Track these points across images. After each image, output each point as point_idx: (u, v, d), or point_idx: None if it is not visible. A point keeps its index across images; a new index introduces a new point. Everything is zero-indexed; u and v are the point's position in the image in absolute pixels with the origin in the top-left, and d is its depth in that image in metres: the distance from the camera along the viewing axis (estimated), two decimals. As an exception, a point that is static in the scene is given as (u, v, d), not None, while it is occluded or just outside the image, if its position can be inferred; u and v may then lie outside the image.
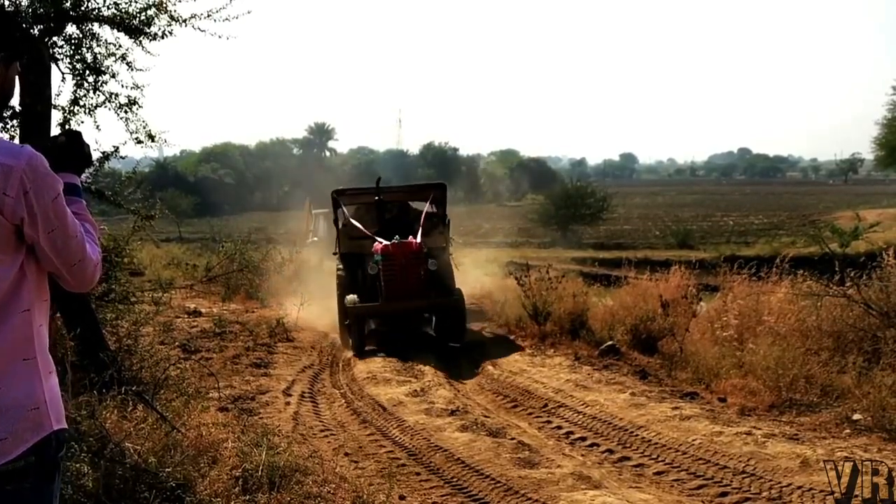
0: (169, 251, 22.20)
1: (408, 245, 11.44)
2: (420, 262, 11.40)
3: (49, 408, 2.19)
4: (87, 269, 2.29)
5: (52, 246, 2.18)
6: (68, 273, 2.26)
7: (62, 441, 2.25)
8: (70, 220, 2.22)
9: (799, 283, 9.66)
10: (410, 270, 11.29)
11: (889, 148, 33.41)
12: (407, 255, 11.35)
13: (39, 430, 2.15)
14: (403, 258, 11.32)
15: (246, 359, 9.40)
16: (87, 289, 2.41)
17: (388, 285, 11.27)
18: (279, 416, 7.39)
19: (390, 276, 11.28)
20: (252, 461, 4.72)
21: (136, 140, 6.38)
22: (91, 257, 2.29)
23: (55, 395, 2.24)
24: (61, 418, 2.24)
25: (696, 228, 41.91)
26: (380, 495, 4.89)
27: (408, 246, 11.43)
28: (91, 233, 2.35)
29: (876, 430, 6.58)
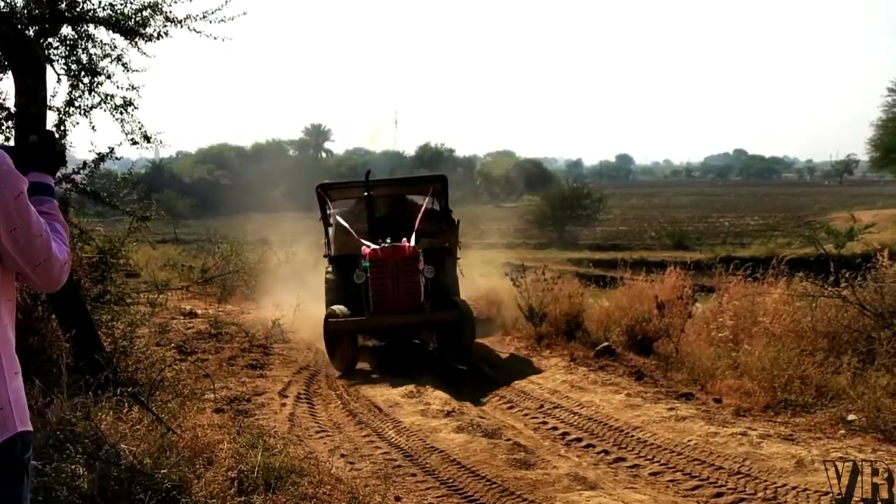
0: (165, 252, 22.13)
1: (399, 249, 9.96)
2: (414, 268, 9.94)
3: (14, 409, 2.17)
4: (54, 269, 2.27)
5: (14, 244, 2.16)
6: (33, 272, 2.23)
7: (27, 442, 2.23)
8: (34, 218, 2.19)
9: (794, 284, 9.68)
10: (403, 279, 9.85)
11: (884, 149, 33.50)
12: (398, 260, 9.88)
13: (3, 431, 2.13)
14: (394, 265, 9.86)
15: (242, 360, 9.39)
16: (55, 289, 2.39)
17: (376, 297, 9.83)
18: (275, 418, 7.39)
19: (379, 285, 9.84)
20: (248, 462, 4.72)
21: (131, 141, 6.38)
22: (58, 257, 2.27)
23: (20, 396, 2.22)
24: (26, 420, 2.23)
25: (692, 229, 41.97)
26: (375, 496, 4.90)
27: (399, 250, 9.95)
28: (60, 232, 2.33)
29: (871, 431, 6.60)
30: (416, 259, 9.96)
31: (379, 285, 9.82)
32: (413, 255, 9.96)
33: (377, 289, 9.82)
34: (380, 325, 9.98)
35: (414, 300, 9.85)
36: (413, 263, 9.94)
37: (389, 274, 9.82)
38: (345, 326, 9.71)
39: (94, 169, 6.36)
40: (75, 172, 6.32)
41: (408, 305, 9.81)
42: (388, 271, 9.84)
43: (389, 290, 9.80)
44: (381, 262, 9.87)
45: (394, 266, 9.85)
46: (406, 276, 9.86)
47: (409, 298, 9.83)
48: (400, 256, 9.90)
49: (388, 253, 9.91)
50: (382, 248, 9.95)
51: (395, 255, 9.89)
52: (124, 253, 7.22)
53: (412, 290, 9.87)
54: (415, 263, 9.94)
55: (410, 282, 9.87)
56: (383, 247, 9.98)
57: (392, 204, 12.11)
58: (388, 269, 9.84)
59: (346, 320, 9.79)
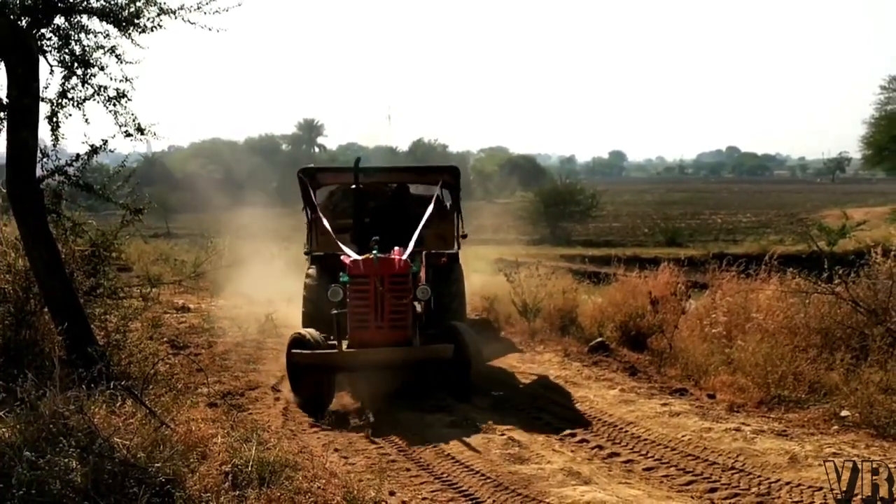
0: (157, 247, 22.09)
1: (387, 263, 7.95)
2: (403, 288, 7.94)
3: None
4: None
5: None
6: None
7: None
8: None
9: (787, 281, 9.70)
10: (389, 301, 7.80)
11: (876, 147, 33.61)
12: (385, 277, 7.84)
13: None
14: (378, 282, 7.80)
15: (235, 354, 9.36)
16: None
17: (354, 322, 7.80)
18: (269, 412, 7.38)
19: (359, 308, 7.81)
20: (242, 457, 4.70)
21: (125, 133, 6.35)
22: None
23: None
24: None
25: (685, 226, 42.03)
26: (370, 491, 4.88)
27: (387, 264, 7.94)
28: None
29: (863, 427, 6.62)
30: (406, 277, 8.01)
31: (359, 308, 7.81)
32: (404, 272, 7.97)
33: (356, 313, 7.81)
34: (354, 362, 7.77)
35: (400, 330, 7.85)
36: (403, 282, 7.95)
37: (372, 294, 7.78)
38: (311, 361, 7.63)
39: (87, 161, 6.31)
40: (68, 164, 6.27)
41: (392, 337, 7.82)
42: (370, 291, 7.79)
43: (371, 316, 7.79)
44: (362, 278, 7.83)
45: (378, 284, 7.79)
46: (394, 298, 7.83)
47: (394, 327, 7.82)
48: (387, 272, 7.86)
49: (373, 267, 7.85)
50: (366, 260, 7.90)
51: (381, 271, 7.83)
52: (117, 246, 7.18)
53: (399, 318, 7.85)
54: (405, 282, 7.97)
55: (398, 306, 7.85)
56: (367, 259, 7.91)
57: (393, 196, 10.14)
58: (372, 287, 7.79)
59: (313, 354, 7.63)
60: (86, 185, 6.37)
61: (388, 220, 9.39)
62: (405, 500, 5.26)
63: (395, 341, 7.80)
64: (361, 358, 7.72)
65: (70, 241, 6.77)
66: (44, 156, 6.21)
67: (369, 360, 7.73)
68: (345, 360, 7.71)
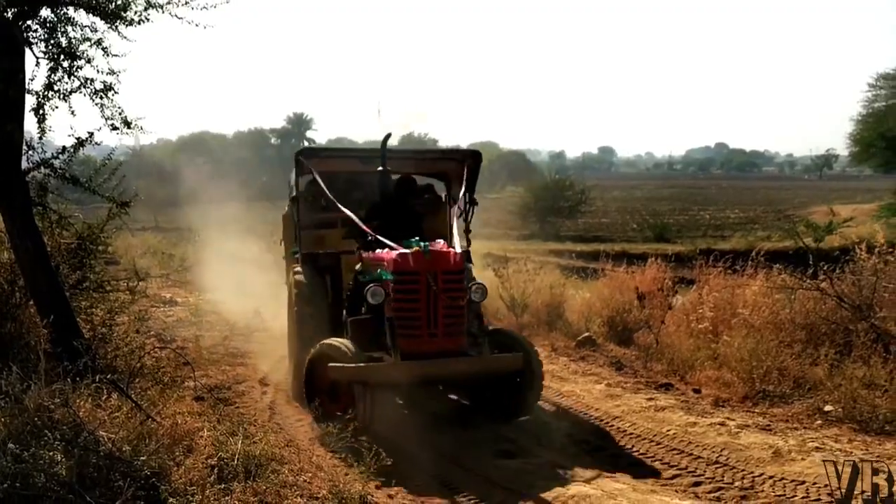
0: (145, 240, 22.03)
1: (441, 257, 6.70)
2: (459, 288, 6.75)
3: None
4: None
5: None
6: None
7: None
8: None
9: (773, 277, 9.76)
10: (443, 304, 6.54)
11: (863, 144, 33.70)
12: (438, 274, 6.57)
13: None
14: (431, 280, 6.51)
15: (222, 348, 9.35)
16: None
17: (405, 331, 6.52)
18: (255, 406, 7.38)
19: (408, 311, 6.54)
20: (228, 450, 4.71)
21: (111, 126, 6.31)
22: None
23: None
24: None
25: (673, 222, 42.14)
26: (356, 485, 4.90)
27: (441, 259, 6.68)
28: None
29: (847, 422, 6.68)
30: (462, 274, 6.85)
31: (407, 311, 6.54)
32: (460, 268, 6.80)
33: (404, 317, 6.54)
34: (414, 376, 6.40)
35: (456, 337, 6.67)
36: (459, 280, 6.77)
37: (423, 294, 6.53)
38: (357, 378, 6.22)
39: (73, 154, 6.28)
40: (54, 157, 6.25)
41: (447, 345, 6.57)
42: (422, 290, 6.53)
43: (423, 320, 6.53)
44: (410, 275, 6.57)
45: (431, 283, 6.52)
46: (448, 300, 6.58)
47: (449, 333, 6.60)
48: (441, 268, 6.61)
49: (424, 262, 6.59)
50: (416, 253, 6.64)
51: (434, 266, 6.58)
52: (104, 239, 7.15)
53: (455, 322, 6.65)
54: (461, 280, 6.81)
55: (454, 308, 6.62)
56: (416, 252, 6.66)
57: (398, 186, 8.25)
58: (423, 286, 6.53)
59: (361, 369, 6.25)
60: (72, 177, 6.34)
61: (391, 214, 7.73)
62: (391, 493, 5.27)
63: (450, 351, 6.55)
64: (422, 371, 6.37)
65: (56, 233, 6.73)
66: (29, 148, 6.19)
67: (432, 373, 6.46)
68: (402, 373, 6.32)
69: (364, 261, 7.22)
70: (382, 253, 6.91)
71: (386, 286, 6.60)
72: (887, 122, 31.91)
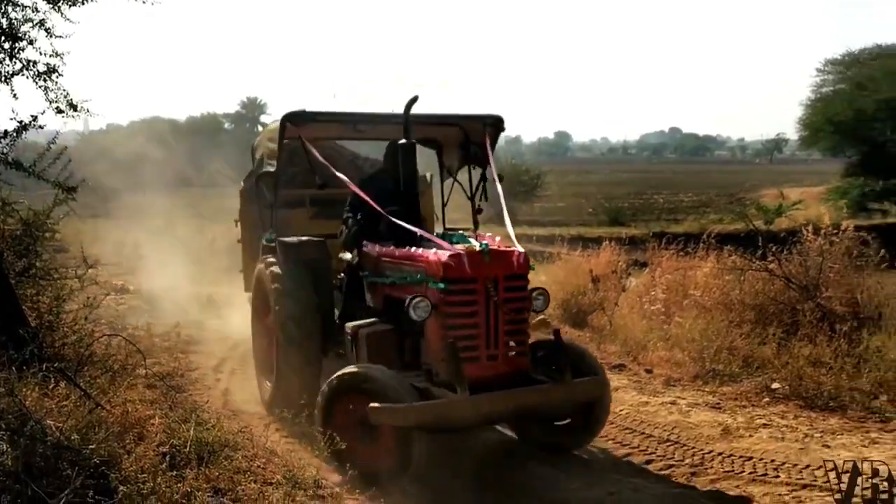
0: (95, 227, 21.59)
1: (503, 259, 5.35)
2: (524, 296, 5.47)
3: None
4: None
5: None
6: None
7: None
8: None
9: (724, 259, 9.94)
10: (506, 317, 5.26)
11: (812, 128, 34.35)
12: (501, 280, 5.27)
13: None
14: (494, 289, 5.21)
15: (175, 335, 9.23)
16: None
17: (471, 356, 5.15)
18: (209, 393, 7.32)
19: (465, 330, 5.18)
20: (180, 437, 4.65)
21: (56, 109, 6.15)
22: None
23: None
24: None
25: (628, 206, 42.55)
26: (311, 469, 4.88)
27: (503, 262, 5.33)
28: None
29: (793, 398, 6.86)
30: (527, 279, 5.52)
31: (461, 329, 5.18)
32: (524, 272, 5.45)
33: (459, 336, 5.13)
34: (493, 413, 5.14)
35: (521, 358, 5.38)
36: (524, 287, 5.47)
37: (483, 307, 5.22)
38: (423, 421, 4.86)
39: (16, 138, 6.12)
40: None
41: (510, 369, 5.29)
42: (480, 302, 5.22)
43: (482, 339, 5.22)
44: (466, 282, 5.20)
45: (491, 291, 5.20)
46: (512, 312, 5.30)
47: (513, 353, 5.33)
48: (503, 272, 5.28)
49: (483, 265, 5.23)
50: (471, 253, 5.25)
51: (494, 271, 5.25)
52: (50, 226, 6.99)
53: (520, 340, 5.39)
54: (525, 287, 5.49)
55: (518, 323, 5.37)
56: (472, 252, 5.27)
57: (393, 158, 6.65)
58: (482, 297, 5.21)
59: (425, 409, 4.89)
60: (15, 162, 6.17)
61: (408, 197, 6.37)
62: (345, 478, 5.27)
63: (514, 376, 5.26)
64: (501, 407, 5.08)
65: (0, 220, 6.57)
66: (-30, 132, 6.01)
67: (509, 408, 5.15)
68: (476, 412, 4.94)
69: (374, 257, 6.02)
70: (419, 251, 5.52)
71: (430, 295, 5.21)
72: (835, 106, 32.59)
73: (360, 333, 5.74)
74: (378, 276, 5.99)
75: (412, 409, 4.86)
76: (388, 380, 5.01)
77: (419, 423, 4.85)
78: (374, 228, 6.27)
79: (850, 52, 34.78)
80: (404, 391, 4.94)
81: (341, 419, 5.16)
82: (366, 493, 4.96)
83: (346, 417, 5.14)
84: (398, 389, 4.93)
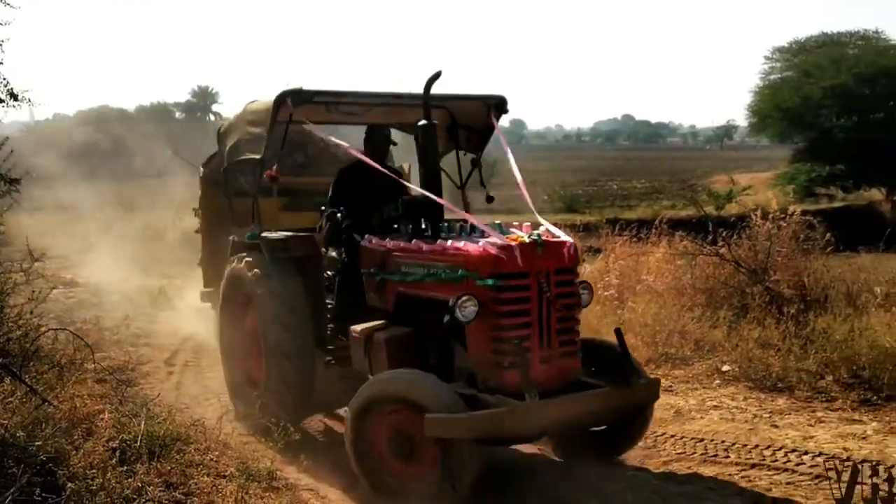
0: (42, 219, 21.09)
1: (555, 250, 4.81)
2: (575, 291, 4.95)
3: None
4: None
5: None
6: None
7: None
8: None
9: (676, 244, 10.08)
10: (558, 314, 4.77)
11: (761, 115, 35.00)
12: (552, 274, 4.75)
13: None
14: (546, 285, 4.70)
15: (125, 329, 9.08)
16: None
17: (506, 357, 4.58)
18: (161, 386, 7.22)
19: (516, 331, 4.62)
20: (130, 432, 4.57)
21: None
22: None
23: None
24: None
25: (582, 193, 42.88)
26: (265, 461, 4.85)
27: (555, 252, 4.81)
28: None
29: (742, 380, 6.99)
30: (576, 272, 5.03)
31: (513, 329, 4.61)
32: (573, 265, 4.97)
33: (514, 337, 4.57)
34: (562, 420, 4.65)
35: (574, 358, 4.90)
36: (573, 283, 4.95)
37: (536, 304, 4.70)
38: (487, 432, 4.32)
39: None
40: (-68, 132, 5.89)
41: (565, 371, 4.82)
42: (534, 299, 4.69)
43: (535, 341, 4.69)
44: (519, 277, 4.66)
45: (545, 286, 4.70)
46: (565, 309, 4.82)
47: (566, 354, 4.84)
48: (554, 265, 4.77)
49: (535, 257, 4.69)
50: (522, 245, 4.67)
51: (546, 264, 4.73)
52: (-8, 218, 6.80)
53: (572, 338, 4.90)
54: (575, 282, 4.97)
55: (571, 320, 4.90)
56: (522, 242, 4.69)
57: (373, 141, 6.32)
58: (535, 293, 4.69)
59: (480, 417, 4.32)
60: (-47, 152, 5.99)
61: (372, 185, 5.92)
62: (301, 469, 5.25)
63: (569, 378, 4.81)
64: (569, 413, 4.62)
65: (-62, 213, 6.38)
66: None
67: (574, 414, 4.68)
68: (544, 420, 4.45)
69: (381, 252, 5.42)
70: (454, 244, 4.87)
71: (475, 293, 4.61)
72: (782, 93, 33.25)
73: (375, 338, 5.17)
74: (389, 273, 5.34)
75: (475, 419, 4.29)
76: (440, 388, 4.44)
77: (484, 434, 4.31)
78: (366, 222, 5.79)
79: (797, 41, 35.52)
80: (457, 400, 4.40)
81: (376, 435, 4.66)
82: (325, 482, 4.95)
83: (381, 433, 4.66)
84: (453, 398, 4.39)
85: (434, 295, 4.90)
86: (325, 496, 4.84)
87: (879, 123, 30.97)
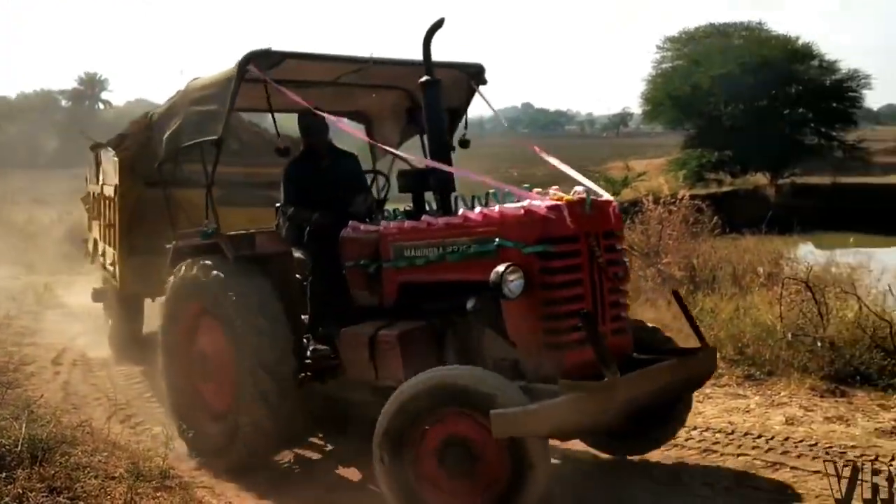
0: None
1: (602, 210, 4.20)
2: (622, 257, 4.34)
3: None
4: None
5: None
6: None
7: None
8: None
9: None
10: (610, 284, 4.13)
11: (654, 103, 36.13)
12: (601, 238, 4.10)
13: None
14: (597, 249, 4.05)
15: (8, 328, 8.65)
16: None
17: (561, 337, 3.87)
18: (47, 387, 6.91)
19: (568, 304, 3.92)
20: (10, 436, 4.34)
21: None
22: None
23: None
24: None
25: (483, 181, 43.31)
26: (157, 460, 4.69)
27: (602, 213, 4.20)
28: None
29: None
30: (622, 238, 4.48)
31: (570, 304, 3.94)
32: (621, 228, 4.44)
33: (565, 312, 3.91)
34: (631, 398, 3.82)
35: (627, 332, 4.32)
36: (620, 246, 4.38)
37: (588, 272, 4.05)
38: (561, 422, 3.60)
39: None
40: None
41: (620, 349, 4.17)
42: (585, 266, 4.04)
43: (604, 313, 4.11)
44: (568, 241, 3.99)
45: (597, 251, 4.06)
46: (615, 278, 4.19)
47: (618, 330, 4.22)
48: (602, 228, 4.15)
49: (584, 219, 4.05)
50: (571, 204, 4.02)
51: (595, 226, 4.10)
52: None
53: (623, 310, 4.31)
54: (622, 246, 4.43)
55: (622, 292, 4.30)
56: (569, 201, 4.04)
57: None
58: (586, 259, 4.04)
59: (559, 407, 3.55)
60: None
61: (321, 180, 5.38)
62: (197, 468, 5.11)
63: (622, 358, 4.04)
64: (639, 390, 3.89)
65: None
66: None
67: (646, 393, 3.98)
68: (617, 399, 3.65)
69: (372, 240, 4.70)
70: (478, 212, 4.21)
71: (523, 263, 3.87)
72: (674, 82, 34.44)
73: (382, 336, 4.41)
74: (388, 262, 4.60)
75: (554, 407, 3.53)
76: (499, 381, 3.68)
77: (564, 426, 3.63)
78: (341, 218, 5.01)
79: (687, 30, 36.79)
80: (518, 394, 3.60)
81: (418, 444, 3.82)
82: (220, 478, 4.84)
83: (424, 442, 3.81)
84: (517, 390, 3.63)
85: (455, 277, 4.23)
86: (222, 493, 4.71)
87: (763, 111, 32.43)
